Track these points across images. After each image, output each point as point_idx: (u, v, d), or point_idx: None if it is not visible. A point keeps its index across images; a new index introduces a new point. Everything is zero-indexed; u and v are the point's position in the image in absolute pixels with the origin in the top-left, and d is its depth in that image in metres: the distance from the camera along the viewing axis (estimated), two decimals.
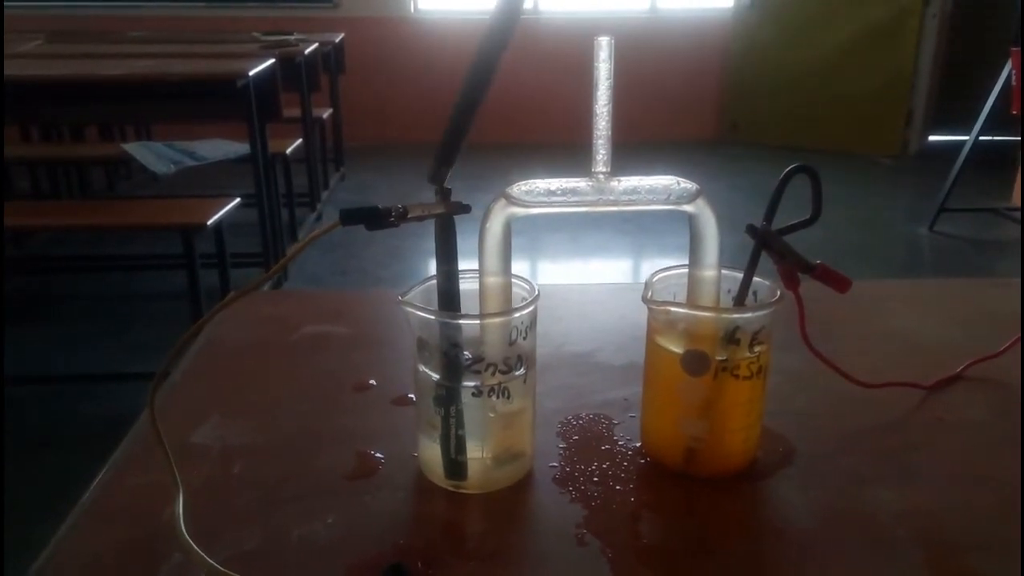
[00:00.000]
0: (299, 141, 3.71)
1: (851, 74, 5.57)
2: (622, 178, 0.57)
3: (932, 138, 5.77)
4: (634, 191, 0.57)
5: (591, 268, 3.70)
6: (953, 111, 5.40)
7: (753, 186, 4.74)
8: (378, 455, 0.60)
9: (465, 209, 0.54)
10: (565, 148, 5.09)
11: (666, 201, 0.57)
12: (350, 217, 0.51)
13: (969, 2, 5.44)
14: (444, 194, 0.53)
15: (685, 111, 6.03)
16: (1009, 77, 3.70)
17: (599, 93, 0.55)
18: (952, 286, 0.97)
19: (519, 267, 0.55)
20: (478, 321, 0.54)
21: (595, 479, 0.58)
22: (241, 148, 3.02)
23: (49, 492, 1.95)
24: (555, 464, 0.59)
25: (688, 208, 0.57)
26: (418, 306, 0.53)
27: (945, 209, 4.02)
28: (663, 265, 0.61)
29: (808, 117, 5.71)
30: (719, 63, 5.96)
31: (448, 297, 0.54)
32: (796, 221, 0.58)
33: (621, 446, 0.62)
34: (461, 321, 0.53)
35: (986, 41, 5.27)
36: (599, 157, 0.57)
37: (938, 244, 3.99)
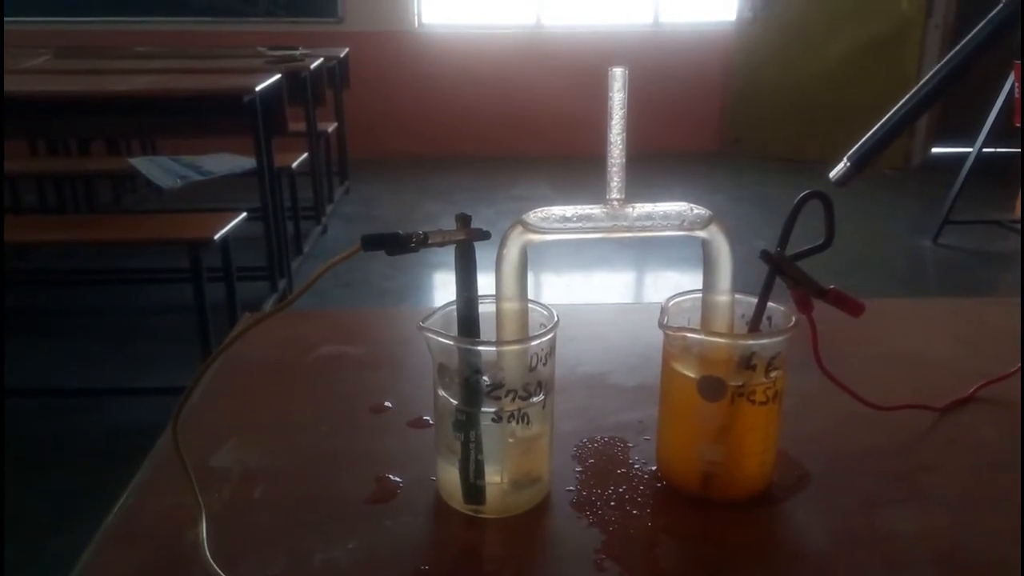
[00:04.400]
0: (304, 155, 3.73)
1: (854, 86, 5.58)
2: (636, 204, 0.57)
3: (935, 150, 5.78)
4: (648, 217, 0.57)
5: (594, 281, 3.70)
6: (956, 123, 5.40)
7: (757, 199, 4.75)
8: (396, 479, 0.61)
9: (485, 235, 0.54)
10: (568, 160, 5.12)
11: (680, 227, 0.58)
12: (371, 243, 0.52)
13: (971, 13, 5.43)
14: (464, 220, 0.54)
15: (688, 123, 6.04)
16: (1012, 89, 3.72)
17: (613, 122, 0.56)
18: (960, 305, 0.98)
19: None
20: (498, 348, 0.55)
21: (612, 503, 0.58)
22: (247, 162, 3.04)
23: (55, 506, 1.95)
24: (572, 488, 0.60)
25: (702, 234, 0.58)
26: (439, 332, 0.54)
27: (949, 221, 4.02)
28: (666, 277, 0.62)
29: (811, 129, 5.72)
30: (722, 75, 5.98)
31: (468, 323, 0.55)
32: (809, 247, 0.58)
33: (637, 469, 0.62)
34: (482, 348, 0.54)
35: (989, 53, 5.28)
36: (613, 184, 0.57)
37: (942, 256, 3.99)
